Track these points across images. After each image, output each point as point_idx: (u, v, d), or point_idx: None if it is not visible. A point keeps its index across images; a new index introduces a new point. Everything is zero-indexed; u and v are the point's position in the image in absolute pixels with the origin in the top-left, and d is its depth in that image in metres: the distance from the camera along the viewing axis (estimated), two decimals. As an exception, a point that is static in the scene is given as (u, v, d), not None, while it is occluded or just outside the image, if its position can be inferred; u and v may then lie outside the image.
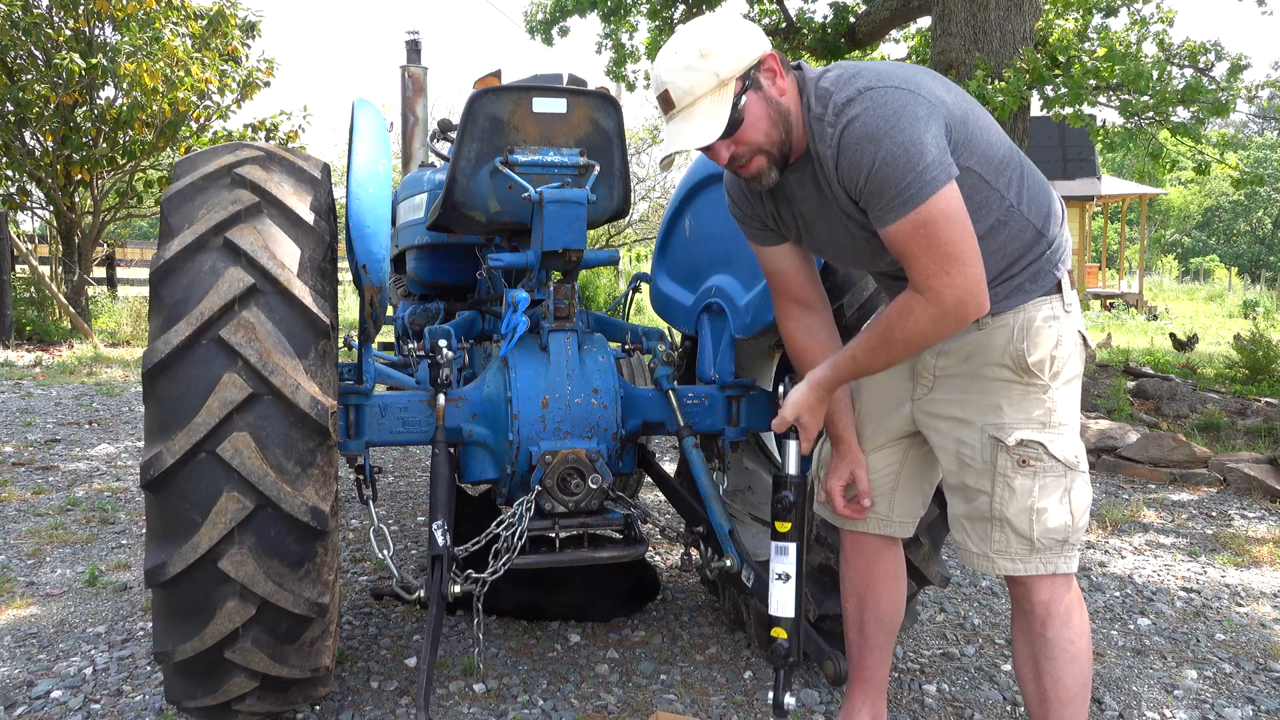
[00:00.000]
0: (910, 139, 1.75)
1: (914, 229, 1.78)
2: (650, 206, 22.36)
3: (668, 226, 3.24)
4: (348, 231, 2.33)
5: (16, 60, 11.25)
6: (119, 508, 4.59)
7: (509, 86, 2.74)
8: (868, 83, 1.82)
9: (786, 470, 2.15)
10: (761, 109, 1.87)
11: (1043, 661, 2.02)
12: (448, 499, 2.47)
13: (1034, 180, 2.00)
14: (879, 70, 1.86)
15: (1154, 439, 5.72)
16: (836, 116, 1.82)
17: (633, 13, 9.87)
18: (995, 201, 1.91)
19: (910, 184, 1.75)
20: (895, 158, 1.75)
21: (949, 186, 1.77)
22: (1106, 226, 28.70)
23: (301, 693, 2.25)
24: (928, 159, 1.75)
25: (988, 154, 1.90)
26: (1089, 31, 7.25)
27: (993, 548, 2.00)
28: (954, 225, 1.78)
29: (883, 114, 1.77)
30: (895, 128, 1.76)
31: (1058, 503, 1.97)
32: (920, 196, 1.75)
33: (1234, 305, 21.68)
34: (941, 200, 1.76)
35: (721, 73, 1.83)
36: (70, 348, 11.15)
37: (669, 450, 5.96)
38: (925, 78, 1.88)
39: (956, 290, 1.80)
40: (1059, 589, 2.01)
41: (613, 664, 2.91)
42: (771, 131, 1.89)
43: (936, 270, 1.79)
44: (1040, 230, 1.98)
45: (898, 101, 1.78)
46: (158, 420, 2.02)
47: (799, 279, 2.20)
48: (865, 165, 1.78)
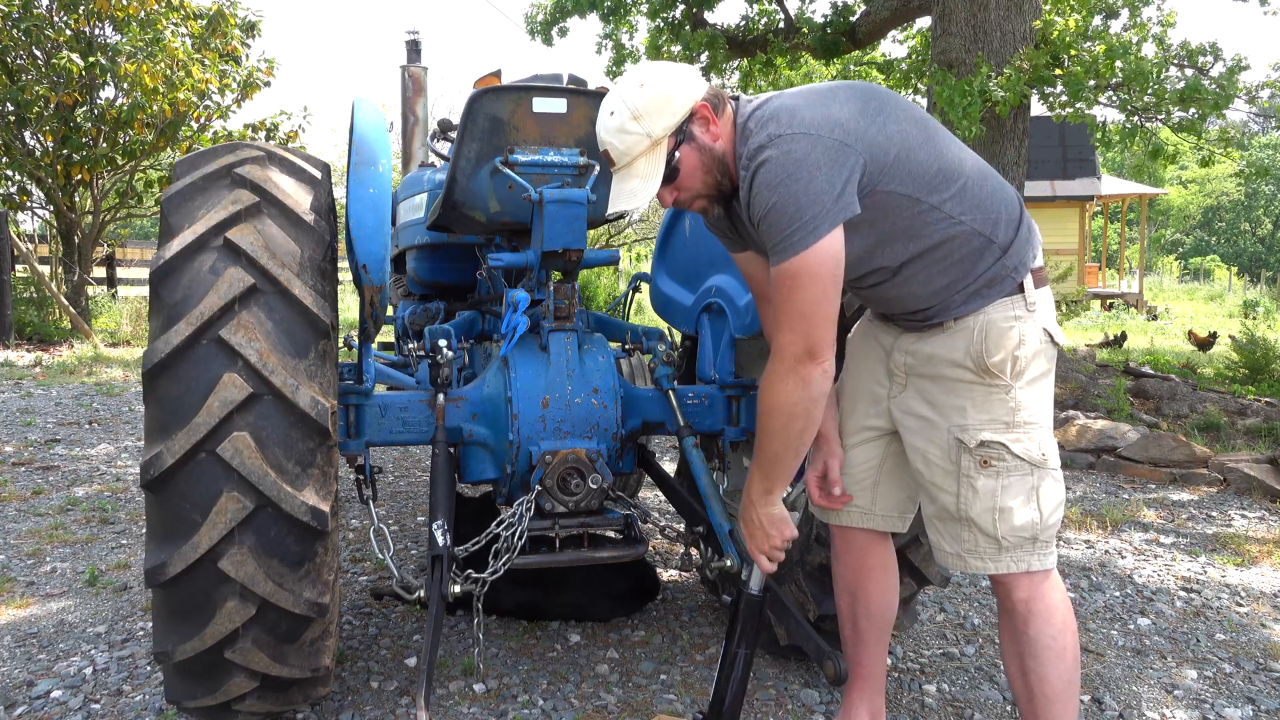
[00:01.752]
0: (801, 190, 1.82)
1: (784, 277, 1.88)
2: (650, 206, 22.34)
3: (668, 226, 3.24)
4: (348, 231, 2.33)
5: (16, 60, 11.25)
6: (119, 508, 4.59)
7: (509, 86, 2.74)
8: (778, 129, 1.88)
9: (749, 588, 2.24)
10: (695, 159, 1.98)
11: (1028, 660, 2.04)
12: (448, 499, 2.47)
13: (981, 189, 2.00)
14: (795, 111, 1.90)
15: (1154, 439, 5.72)
16: (749, 161, 1.91)
17: (633, 13, 9.86)
18: (933, 218, 1.95)
19: (792, 233, 1.83)
20: (785, 206, 1.83)
21: (827, 238, 1.83)
22: (1106, 226, 28.70)
23: (301, 693, 2.25)
24: (814, 210, 1.82)
25: (917, 174, 1.93)
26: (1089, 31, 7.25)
27: (963, 547, 2.04)
28: (815, 284, 1.86)
29: (783, 164, 1.84)
30: (791, 177, 1.83)
31: (1024, 502, 1.98)
32: (797, 247, 1.84)
33: (1234, 305, 21.67)
34: (813, 255, 1.83)
35: (654, 133, 1.94)
36: (70, 348, 11.15)
37: (669, 450, 5.96)
38: (847, 112, 1.90)
39: (796, 349, 1.90)
40: (1038, 586, 2.03)
41: (613, 664, 2.91)
42: (706, 178, 2.00)
43: (789, 325, 1.90)
44: (989, 238, 1.99)
45: (800, 150, 1.84)
46: (158, 420, 2.02)
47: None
48: (762, 210, 1.88)
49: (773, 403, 1.96)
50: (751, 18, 9.80)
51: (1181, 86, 6.62)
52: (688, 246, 3.12)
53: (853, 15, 8.80)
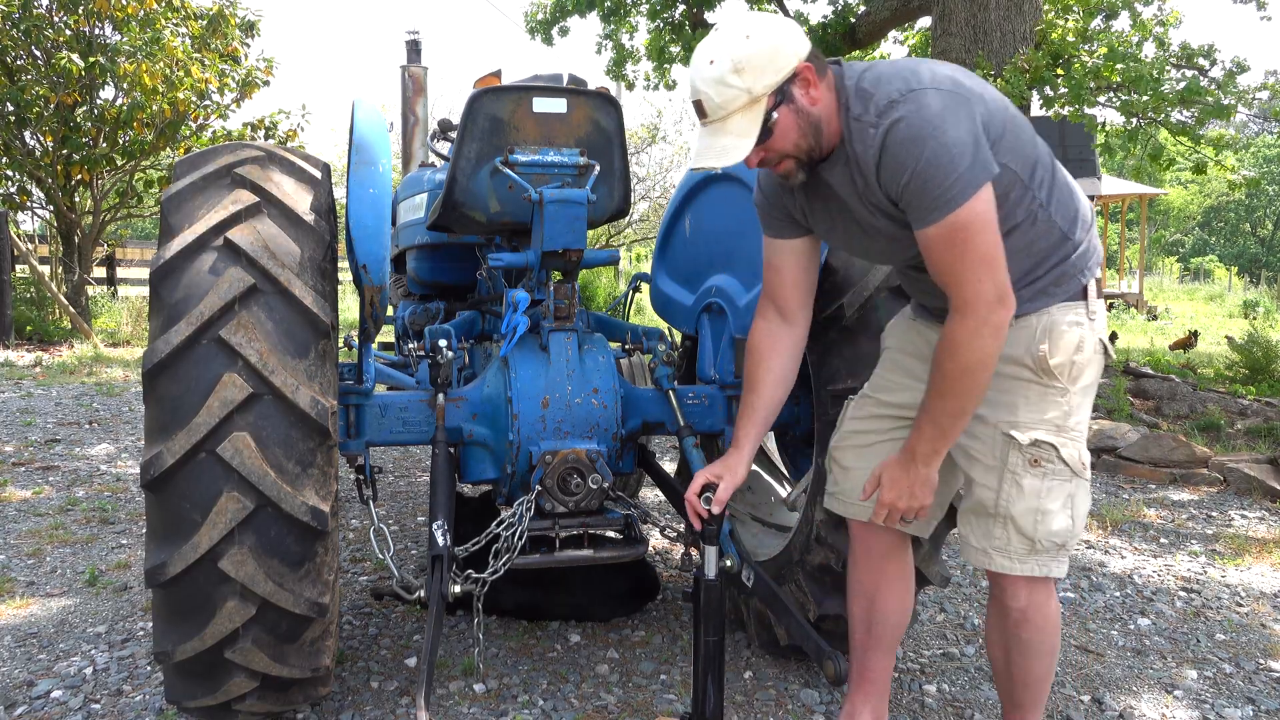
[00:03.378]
0: (953, 140, 1.77)
1: (951, 232, 1.80)
2: (650, 206, 22.37)
3: (668, 226, 3.24)
4: (348, 231, 2.33)
5: (16, 60, 11.25)
6: (119, 508, 4.59)
7: (509, 86, 2.74)
8: (910, 84, 1.82)
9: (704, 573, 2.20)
10: (791, 121, 1.89)
11: (1014, 655, 2.08)
12: (448, 499, 2.47)
13: (1063, 183, 2.00)
14: (919, 70, 1.86)
15: (1154, 439, 5.72)
16: (879, 118, 1.83)
17: (633, 13, 9.87)
18: (1027, 200, 1.92)
19: (951, 185, 1.77)
20: (939, 158, 1.76)
21: (986, 189, 1.79)
22: (1107, 226, 28.69)
23: (301, 693, 2.25)
24: (968, 160, 1.77)
25: (1023, 152, 1.91)
26: (1089, 31, 7.26)
27: (992, 544, 2.02)
28: (988, 229, 1.81)
29: (926, 115, 1.78)
30: (939, 129, 1.77)
31: (1062, 508, 1.98)
32: (960, 199, 1.77)
33: (1234, 305, 21.68)
34: (978, 203, 1.78)
35: (755, 90, 1.84)
36: (70, 348, 11.15)
37: (669, 450, 5.95)
38: (963, 75, 1.89)
39: (988, 294, 1.82)
40: (1039, 593, 2.04)
41: (613, 664, 2.91)
42: (800, 141, 1.91)
43: (971, 276, 1.81)
44: (1065, 233, 1.98)
45: (940, 102, 1.79)
46: (158, 420, 2.02)
47: (794, 282, 2.20)
48: (909, 166, 1.79)
49: (966, 360, 1.85)
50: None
51: (1181, 88, 6.62)
52: (688, 246, 3.12)
53: (853, 16, 8.80)
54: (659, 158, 23.35)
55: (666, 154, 23.52)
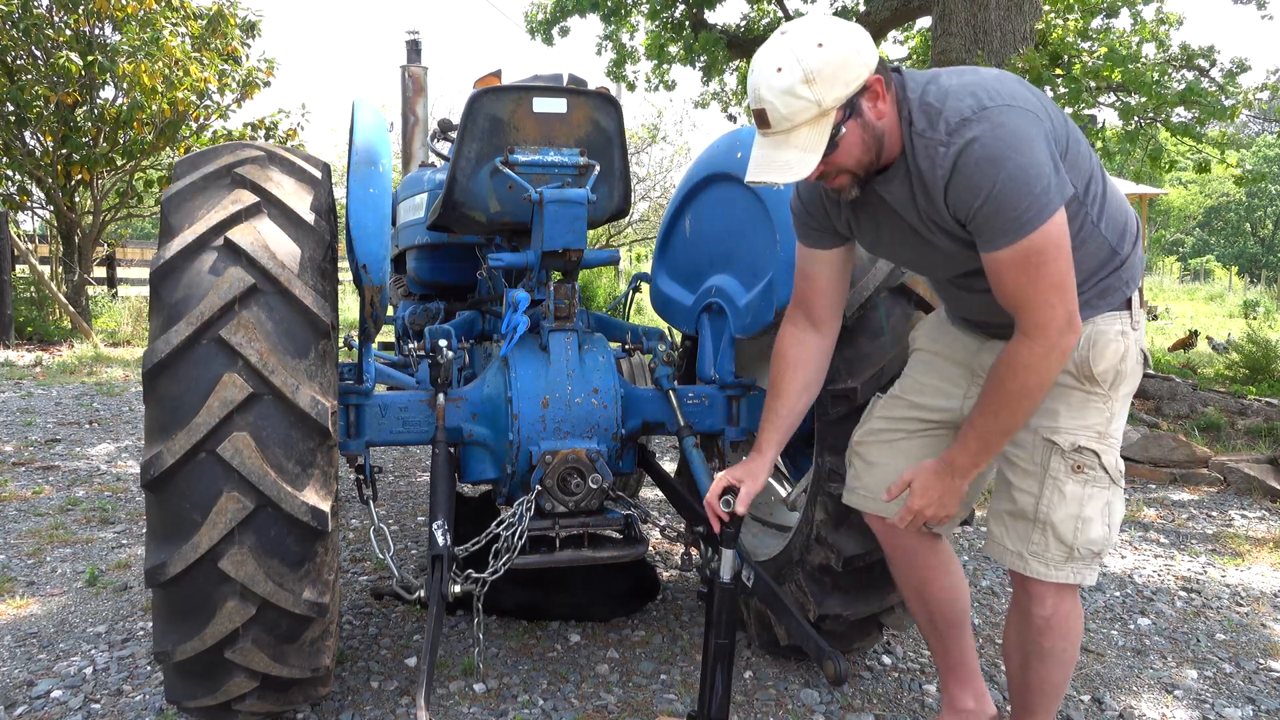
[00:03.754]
0: (1030, 161, 1.71)
1: (1026, 255, 1.75)
2: (650, 206, 22.36)
3: (668, 226, 3.24)
4: (348, 231, 2.34)
5: (16, 60, 11.25)
6: (119, 508, 4.59)
7: (509, 86, 2.74)
8: (981, 101, 1.76)
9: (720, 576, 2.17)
10: (857, 135, 1.81)
11: (1034, 661, 2.04)
12: (448, 499, 2.47)
13: (1114, 196, 1.98)
14: (987, 85, 1.80)
15: (1154, 439, 5.72)
16: (950, 136, 1.76)
17: (633, 13, 9.87)
18: (1081, 216, 1.89)
19: (1027, 209, 1.72)
20: (1016, 182, 1.71)
21: (1060, 212, 1.75)
22: (1106, 226, 28.65)
23: (301, 693, 2.25)
24: (1045, 182, 1.72)
25: (1081, 166, 1.88)
26: (1090, 31, 7.26)
27: (1029, 548, 1.98)
28: (1062, 254, 1.77)
29: (1002, 135, 1.72)
30: (1016, 150, 1.71)
31: (1099, 515, 1.96)
32: (1036, 221, 1.72)
33: (1234, 305, 21.68)
34: (1053, 227, 1.74)
35: (825, 103, 1.75)
36: (70, 348, 11.15)
37: (669, 450, 5.95)
38: (1025, 90, 1.83)
39: (1060, 320, 1.78)
40: (1066, 600, 2.00)
41: (613, 664, 2.91)
42: (863, 156, 1.85)
43: (1043, 302, 1.78)
44: (1114, 248, 1.96)
45: (1015, 121, 1.73)
46: (158, 420, 2.02)
47: (826, 291, 2.16)
48: (984, 190, 1.73)
49: (1028, 383, 1.82)
50: (752, 18, 9.80)
51: (1182, 89, 6.63)
52: (688, 246, 3.12)
53: (853, 16, 8.80)
54: (659, 158, 23.37)
55: (667, 154, 23.55)
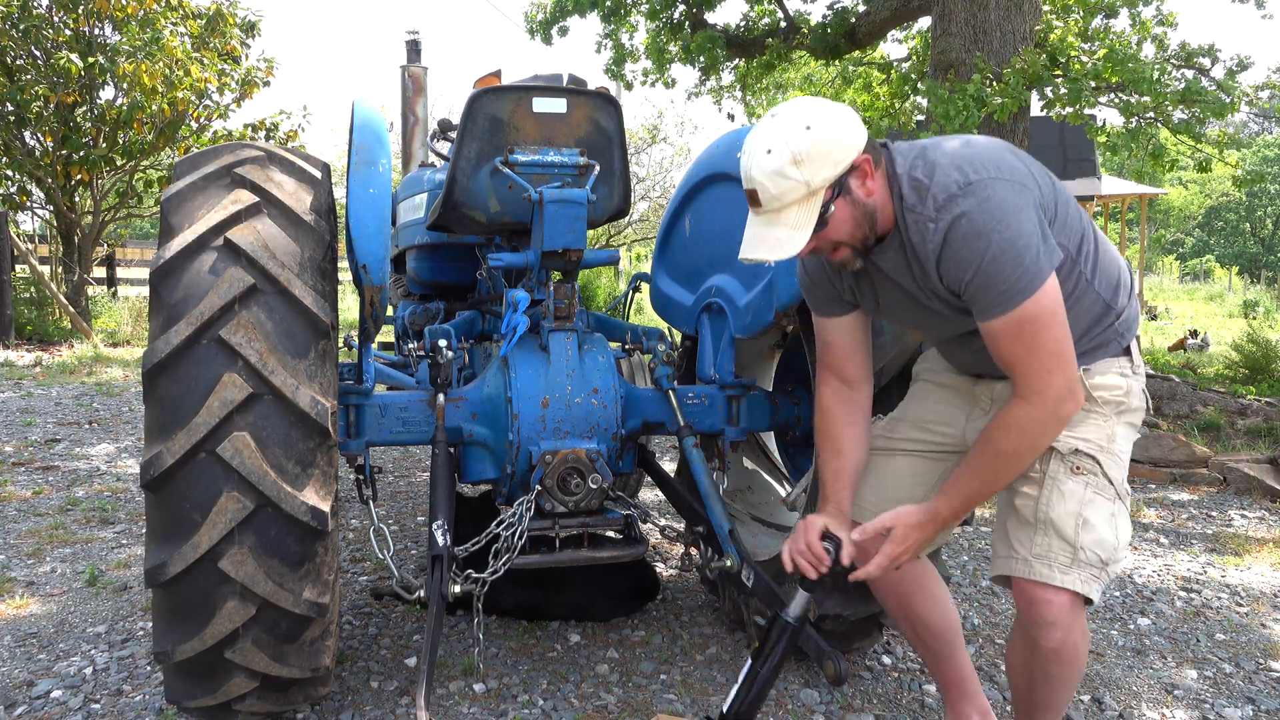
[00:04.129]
0: (1017, 233, 1.76)
1: (1019, 325, 1.79)
2: (650, 206, 22.37)
3: (668, 226, 3.24)
4: (348, 231, 2.34)
5: (16, 60, 11.25)
6: (119, 508, 4.59)
7: (509, 86, 2.74)
8: (967, 175, 1.81)
9: (787, 613, 2.11)
10: (847, 212, 1.87)
11: (1039, 685, 1.99)
12: (448, 499, 2.47)
13: (1106, 253, 2.01)
14: (973, 158, 1.84)
15: (1154, 439, 5.72)
16: (938, 212, 1.82)
17: (633, 13, 9.86)
18: (1074, 274, 1.93)
19: (1017, 279, 1.76)
20: (1005, 254, 1.76)
21: (1052, 279, 1.79)
22: (1107, 226, 28.67)
23: (301, 693, 2.25)
24: (1033, 252, 1.76)
25: (1071, 227, 1.92)
26: (1089, 32, 7.26)
27: (1033, 551, 1.92)
28: (1056, 322, 1.80)
29: (988, 209, 1.77)
30: (1003, 223, 1.76)
31: (1105, 520, 1.92)
32: (1028, 291, 1.76)
33: (1234, 305, 21.68)
34: (1045, 295, 1.78)
35: (813, 183, 1.81)
36: (70, 348, 11.15)
37: (669, 450, 5.95)
38: (1012, 158, 1.88)
39: (1059, 387, 1.81)
40: (1078, 615, 1.92)
41: (613, 664, 2.91)
42: (855, 231, 1.89)
43: (1041, 368, 1.80)
44: (1109, 303, 1.99)
45: (1001, 194, 1.78)
46: (158, 420, 2.02)
47: (850, 354, 2.18)
48: (973, 263, 1.78)
49: (1023, 445, 1.86)
50: (751, 18, 9.80)
51: (1182, 88, 6.62)
52: (688, 246, 3.12)
53: (853, 16, 8.80)
54: (659, 158, 23.36)
55: (666, 154, 23.55)
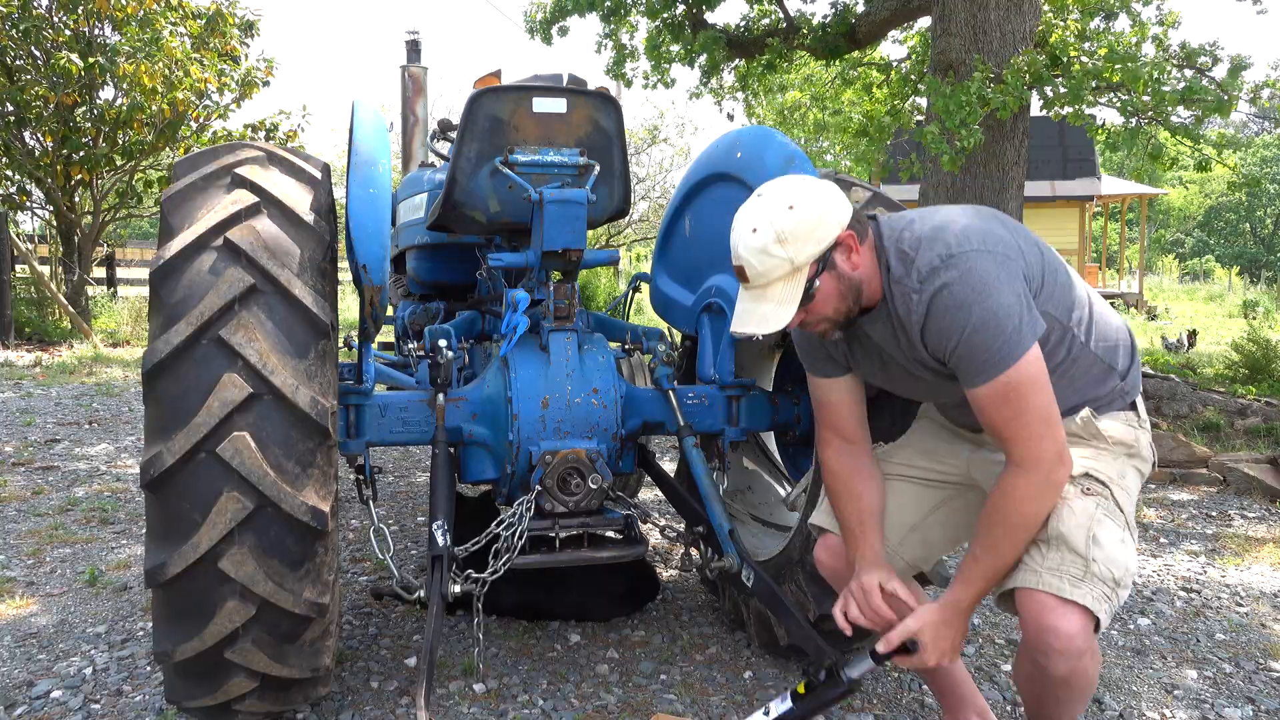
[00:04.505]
0: (999, 304, 1.81)
1: (1004, 392, 1.83)
2: (650, 206, 22.38)
3: (668, 226, 3.24)
4: (348, 231, 2.34)
5: (16, 61, 11.25)
6: (119, 508, 4.59)
7: (509, 86, 2.74)
8: (948, 248, 1.86)
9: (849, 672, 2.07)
10: (833, 287, 1.92)
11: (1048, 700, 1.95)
12: (448, 499, 2.47)
13: (1103, 318, 2.05)
14: (959, 230, 1.89)
15: (1154, 439, 5.72)
16: (922, 284, 1.87)
17: (632, 12, 9.86)
18: (1067, 340, 1.97)
19: (999, 348, 1.81)
20: (986, 324, 1.81)
21: (1034, 348, 1.83)
22: (1107, 226, 28.69)
23: (301, 693, 2.25)
24: (1014, 321, 1.81)
25: (1062, 297, 1.96)
26: (1089, 31, 7.25)
27: (1045, 564, 1.88)
28: (1041, 389, 1.83)
29: (970, 281, 1.82)
30: (984, 295, 1.81)
31: (1115, 542, 1.89)
32: (1009, 360, 1.81)
33: (1234, 305, 21.68)
34: (1027, 363, 1.82)
35: (797, 260, 1.87)
36: (70, 348, 11.15)
37: (669, 450, 5.95)
38: (1000, 228, 1.92)
39: (1048, 453, 1.84)
40: (1089, 640, 1.85)
41: (613, 664, 2.91)
42: (840, 305, 1.94)
43: (1029, 435, 1.84)
44: (1110, 365, 2.03)
45: (983, 266, 1.83)
46: (158, 420, 2.02)
47: (847, 413, 2.20)
48: (956, 332, 1.84)
49: (1029, 513, 1.86)
50: (751, 18, 9.80)
51: (1182, 88, 6.62)
52: (688, 246, 3.12)
53: (852, 16, 8.80)
54: (659, 158, 23.38)
55: (666, 154, 23.55)
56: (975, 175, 7.04)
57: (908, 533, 2.20)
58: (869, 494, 2.15)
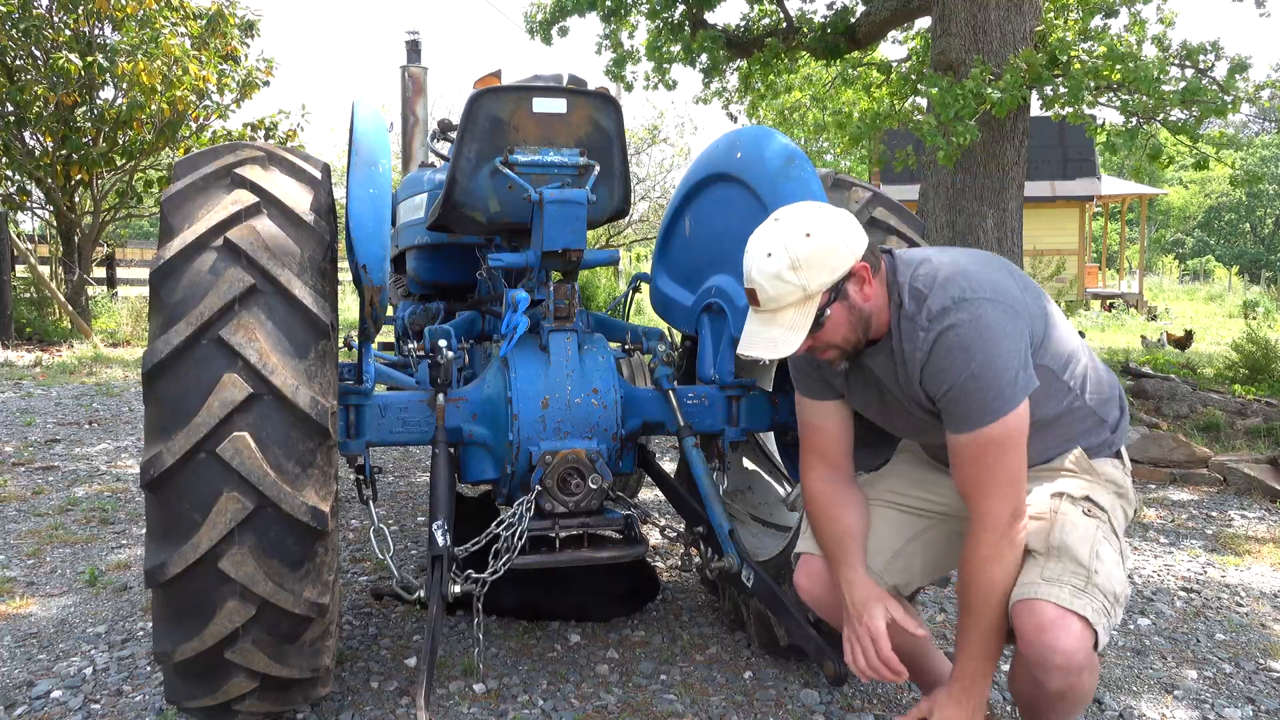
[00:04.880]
0: (999, 356, 1.85)
1: (984, 445, 1.87)
2: (650, 206, 22.38)
3: (668, 226, 3.24)
4: (348, 231, 2.33)
5: (16, 60, 11.26)
6: (119, 508, 4.59)
7: (509, 86, 2.74)
8: (962, 291, 1.89)
9: None
10: (843, 317, 1.94)
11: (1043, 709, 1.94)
12: (448, 499, 2.47)
13: (1096, 369, 2.09)
14: (969, 276, 1.92)
15: (1154, 439, 5.72)
16: (930, 322, 1.90)
17: (633, 13, 9.86)
18: (1062, 393, 2.00)
19: (991, 400, 1.85)
20: (984, 373, 1.84)
21: (1023, 405, 1.86)
22: (1107, 226, 28.69)
23: (301, 693, 2.25)
24: (1011, 375, 1.85)
25: (1060, 351, 2.00)
26: (1089, 31, 7.25)
27: (1045, 574, 1.87)
28: (1016, 450, 1.88)
29: (978, 327, 1.86)
30: (989, 343, 1.85)
31: (1115, 562, 1.93)
32: (997, 414, 1.85)
33: (1234, 305, 21.68)
34: (1013, 420, 1.86)
35: (810, 288, 1.89)
36: (70, 348, 11.15)
37: (669, 450, 5.96)
38: (1009, 281, 1.95)
39: (1004, 513, 1.87)
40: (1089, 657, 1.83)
41: (613, 664, 2.91)
42: (849, 335, 1.97)
43: (992, 492, 1.87)
44: (1101, 417, 2.07)
45: (992, 315, 1.87)
46: (158, 420, 2.02)
47: (834, 439, 2.21)
48: (954, 375, 1.87)
49: (992, 577, 1.88)
50: (751, 18, 9.80)
51: (1182, 88, 6.62)
52: (688, 246, 3.12)
53: (852, 16, 8.80)
54: (659, 158, 23.38)
55: (666, 154, 23.55)
56: (975, 175, 7.04)
57: (891, 558, 2.20)
58: (851, 518, 2.17)
